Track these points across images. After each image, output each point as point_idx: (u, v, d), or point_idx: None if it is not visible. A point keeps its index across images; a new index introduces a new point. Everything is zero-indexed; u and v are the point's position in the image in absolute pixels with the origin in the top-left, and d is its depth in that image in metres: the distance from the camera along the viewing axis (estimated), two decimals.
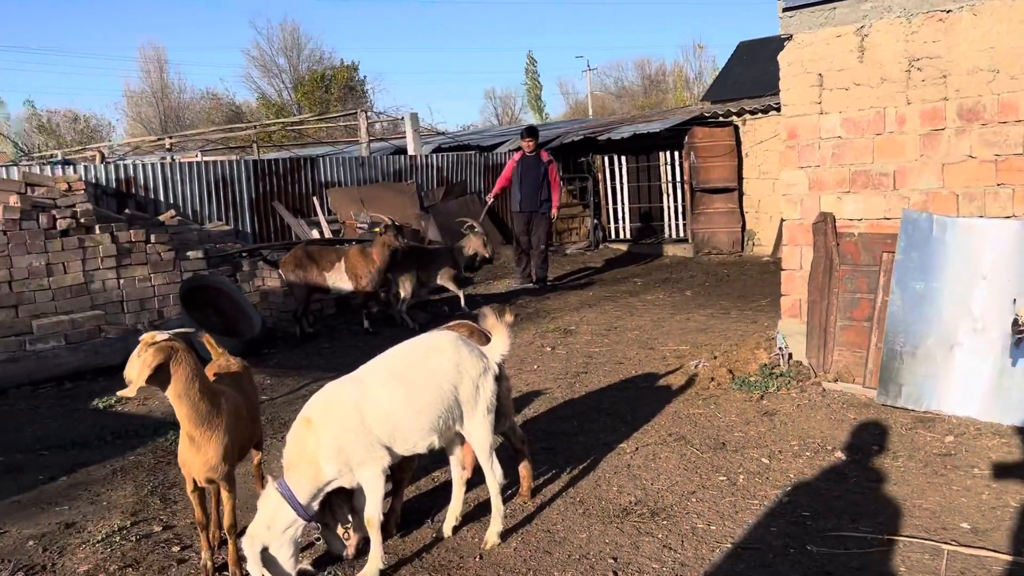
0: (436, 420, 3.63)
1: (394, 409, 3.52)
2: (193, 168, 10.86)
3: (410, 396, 3.56)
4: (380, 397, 3.52)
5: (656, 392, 6.22)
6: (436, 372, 3.65)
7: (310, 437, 3.44)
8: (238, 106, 49.47)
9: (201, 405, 3.44)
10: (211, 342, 4.17)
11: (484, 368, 3.79)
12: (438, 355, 3.70)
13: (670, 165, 15.26)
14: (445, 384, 3.65)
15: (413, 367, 3.66)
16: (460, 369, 3.71)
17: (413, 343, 3.87)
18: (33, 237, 7.81)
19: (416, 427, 3.58)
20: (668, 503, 4.24)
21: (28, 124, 49.75)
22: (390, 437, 3.53)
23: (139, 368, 3.30)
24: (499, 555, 3.79)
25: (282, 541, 3.42)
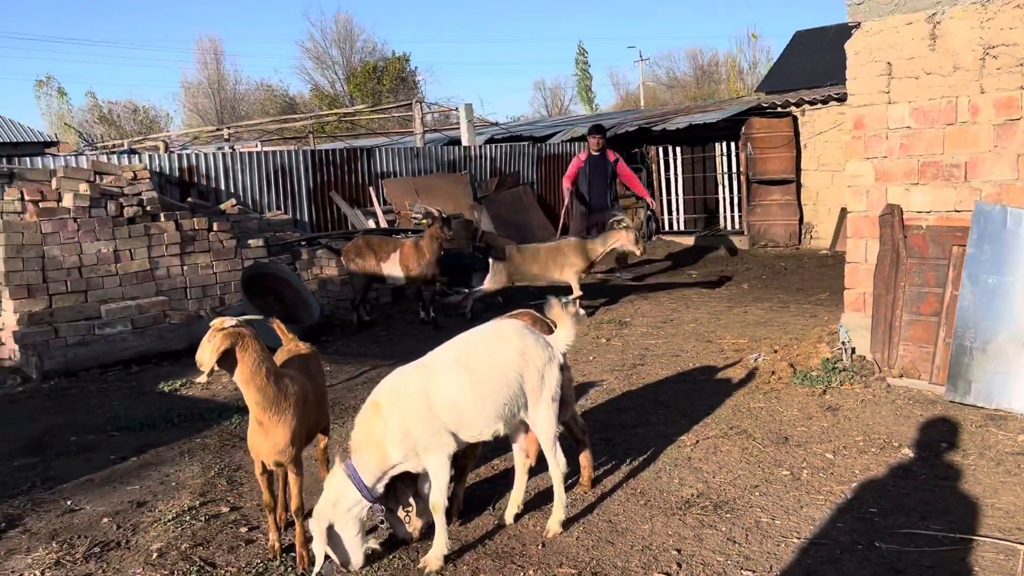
0: (501, 408, 3.65)
1: (461, 396, 3.55)
2: (253, 158, 11.04)
3: (476, 383, 3.59)
4: (447, 384, 3.55)
5: (715, 385, 6.16)
6: (502, 360, 3.67)
7: (378, 421, 3.49)
8: (292, 97, 50.16)
9: (268, 390, 3.50)
10: (281, 328, 4.25)
11: (550, 357, 3.80)
12: (504, 343, 3.72)
13: (726, 156, 15.07)
14: (511, 372, 3.67)
15: (479, 355, 3.68)
16: (526, 357, 3.72)
17: (479, 331, 3.89)
18: (102, 224, 8.03)
19: (481, 414, 3.60)
20: (731, 496, 4.20)
21: (90, 115, 51.18)
22: (456, 423, 3.56)
23: (208, 353, 3.37)
24: (561, 544, 3.80)
25: (347, 520, 3.48)
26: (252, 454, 3.71)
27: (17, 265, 7.56)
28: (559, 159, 15.12)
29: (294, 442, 3.62)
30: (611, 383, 6.34)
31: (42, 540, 4.09)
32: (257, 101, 51.72)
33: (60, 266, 7.75)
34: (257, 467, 3.73)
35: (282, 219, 10.64)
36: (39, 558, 3.89)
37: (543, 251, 9.21)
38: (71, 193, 8.04)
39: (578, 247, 9.13)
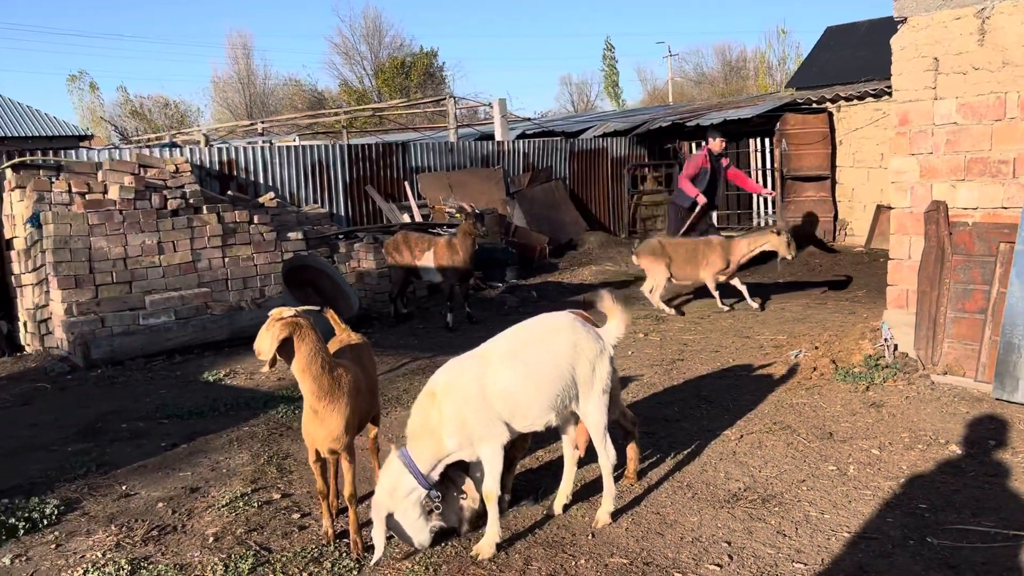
0: (554, 398, 3.69)
1: (515, 386, 3.60)
2: (290, 152, 11.17)
3: (530, 374, 3.63)
4: (502, 374, 3.60)
5: (756, 381, 6.17)
6: (555, 351, 3.72)
7: (433, 410, 3.55)
8: (320, 92, 50.47)
9: (323, 379, 3.57)
10: (335, 318, 4.31)
11: (601, 349, 3.84)
12: (557, 335, 3.77)
13: (760, 152, 14.97)
14: (563, 363, 3.72)
15: (533, 346, 3.72)
16: (578, 349, 3.77)
17: (532, 323, 3.94)
18: (146, 216, 8.18)
19: (535, 405, 3.65)
20: (778, 490, 4.21)
21: (121, 109, 51.79)
22: (510, 414, 3.60)
23: (268, 341, 3.44)
24: (611, 534, 3.83)
25: (405, 507, 3.54)
26: (306, 442, 3.79)
27: (64, 256, 7.72)
28: (592, 155, 15.13)
29: (348, 430, 3.69)
30: (651, 378, 6.37)
31: (101, 523, 4.19)
32: (286, 96, 52.05)
33: (106, 257, 7.91)
34: (311, 455, 3.80)
35: (319, 213, 10.75)
36: (99, 540, 4.00)
37: (684, 247, 9.00)
38: (117, 185, 8.19)
39: (721, 246, 8.88)
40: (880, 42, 16.85)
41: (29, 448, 5.43)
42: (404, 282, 9.15)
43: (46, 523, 4.20)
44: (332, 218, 11.18)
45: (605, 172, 15.32)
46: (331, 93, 49.48)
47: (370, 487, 4.01)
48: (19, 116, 23.14)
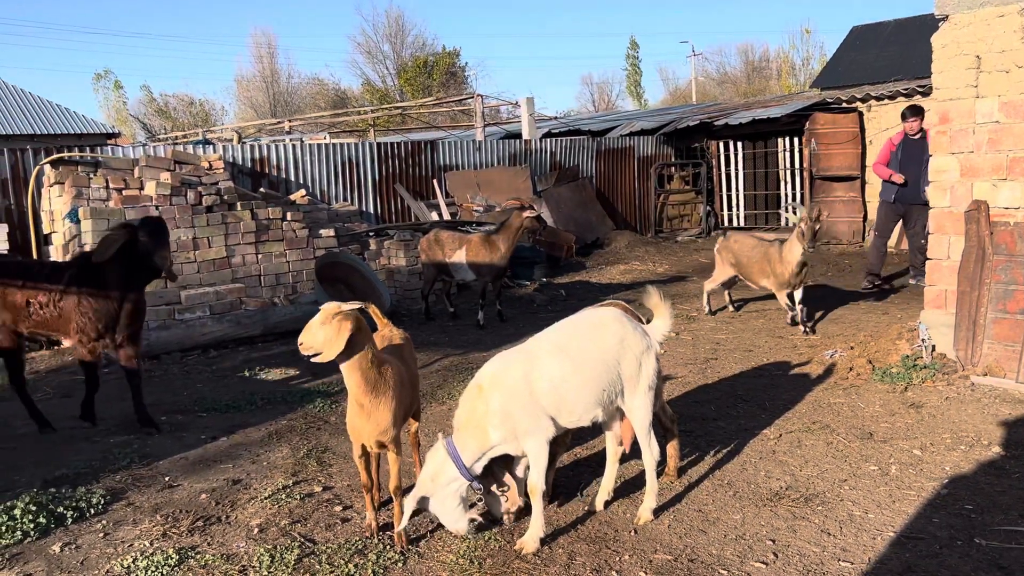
0: (600, 394, 3.70)
1: (562, 381, 3.61)
2: (321, 150, 11.24)
3: (577, 369, 3.64)
4: (549, 369, 3.61)
5: (792, 380, 6.14)
6: (602, 347, 3.72)
7: (480, 403, 3.56)
8: (343, 91, 50.72)
9: (371, 373, 3.59)
10: (377, 313, 4.34)
11: (647, 345, 3.85)
12: (603, 330, 3.78)
13: (788, 152, 14.88)
14: (609, 359, 3.72)
15: (579, 341, 3.73)
16: (624, 345, 3.77)
17: (579, 318, 3.95)
18: (182, 212, 8.27)
19: (581, 400, 3.66)
20: (820, 489, 4.20)
21: (146, 108, 52.31)
22: (556, 409, 3.62)
23: (333, 337, 3.43)
24: (654, 531, 3.84)
25: (445, 494, 3.56)
26: (352, 436, 3.81)
27: None
28: (619, 153, 15.11)
29: (395, 423, 3.71)
30: (686, 376, 6.35)
31: (146, 513, 4.25)
32: (309, 95, 52.35)
33: None
34: (356, 449, 3.83)
35: (349, 210, 10.82)
36: (146, 530, 4.05)
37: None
38: (153, 182, 8.28)
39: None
40: (908, 41, 16.80)
41: (72, 439, 5.51)
42: (435, 280, 9.03)
43: (93, 512, 4.26)
44: (362, 215, 11.25)
45: (632, 171, 15.29)
46: (353, 92, 49.72)
47: (411, 481, 4.03)
48: (49, 114, 23.45)
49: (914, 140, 9.37)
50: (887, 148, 9.72)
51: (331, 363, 3.53)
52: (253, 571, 3.60)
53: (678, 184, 15.73)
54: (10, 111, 22.75)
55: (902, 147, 9.51)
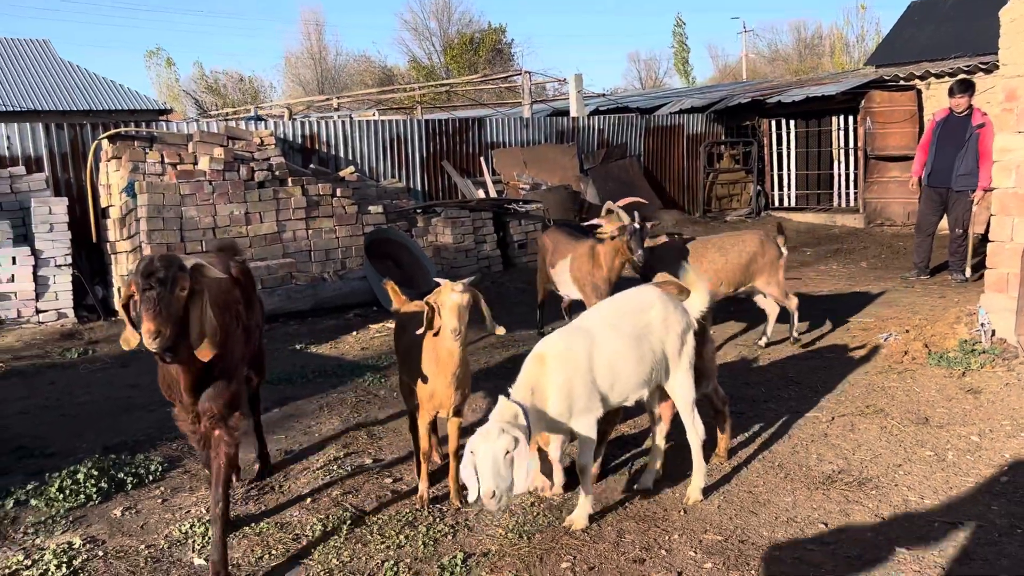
0: (648, 373, 3.68)
1: (617, 360, 3.59)
2: (369, 126, 11.30)
3: (628, 348, 3.62)
4: (609, 347, 3.59)
5: (845, 363, 6.04)
6: (649, 326, 3.71)
7: (543, 375, 3.47)
8: (390, 69, 50.80)
9: (464, 344, 3.71)
10: (395, 289, 4.41)
11: (688, 323, 3.83)
12: (649, 309, 3.75)
13: (842, 131, 14.53)
14: (655, 338, 3.70)
15: (629, 320, 3.71)
16: (668, 324, 3.75)
17: (622, 298, 3.93)
18: (234, 187, 8.38)
19: (633, 379, 3.65)
20: (874, 474, 4.13)
21: (197, 84, 53.01)
22: (609, 387, 3.60)
23: (458, 313, 3.56)
24: (703, 511, 3.82)
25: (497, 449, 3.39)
26: (429, 405, 3.89)
27: (158, 224, 7.98)
28: (667, 131, 14.93)
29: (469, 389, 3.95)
30: (736, 358, 6.29)
31: (202, 481, 4.35)
32: (356, 72, 52.52)
33: (196, 226, 8.14)
34: (428, 416, 3.94)
35: (397, 187, 10.87)
36: (202, 496, 4.15)
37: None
38: (207, 157, 8.41)
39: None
40: (969, 16, 16.23)
41: (130, 408, 5.66)
42: (546, 290, 7.08)
43: (151, 479, 4.38)
44: (409, 192, 11.30)
45: (681, 149, 15.10)
46: (400, 70, 49.75)
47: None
48: (104, 90, 23.88)
49: (958, 119, 8.69)
50: (929, 127, 9.13)
51: (377, 339, 3.60)
52: (306, 539, 3.67)
53: (728, 163, 15.50)
54: (67, 88, 23.22)
55: (941, 126, 8.83)
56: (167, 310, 2.90)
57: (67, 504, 4.06)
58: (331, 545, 3.59)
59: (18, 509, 4.04)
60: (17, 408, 5.75)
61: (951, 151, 8.66)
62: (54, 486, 4.19)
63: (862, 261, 10.47)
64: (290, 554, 3.55)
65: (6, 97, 21.34)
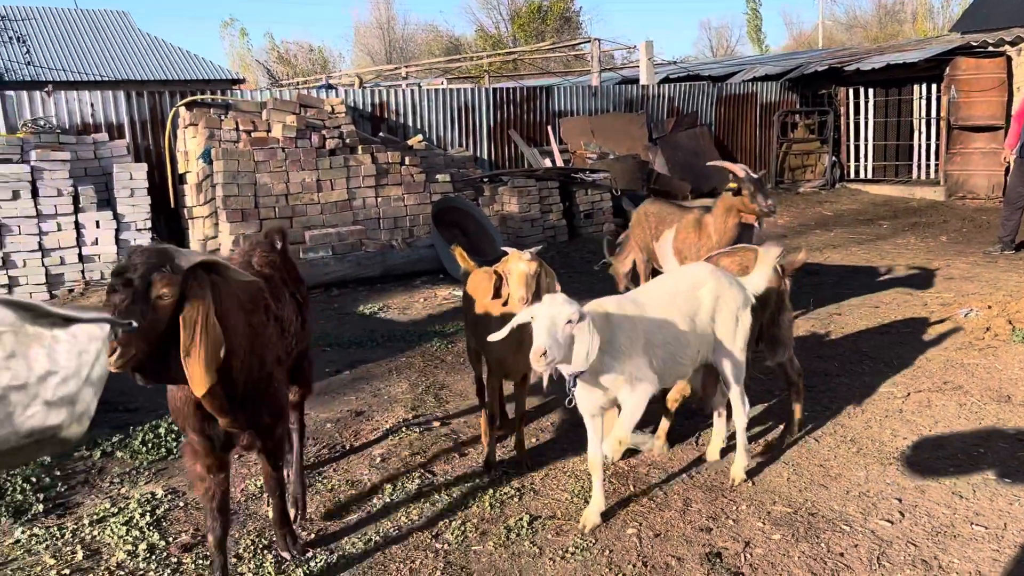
0: (696, 353, 3.59)
1: (671, 335, 3.48)
2: (438, 95, 11.32)
3: (683, 324, 3.53)
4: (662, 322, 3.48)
5: (922, 338, 5.86)
6: (701, 304, 3.61)
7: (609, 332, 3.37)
8: (457, 39, 50.72)
9: None
10: (463, 254, 4.43)
11: (744, 301, 3.73)
12: (701, 287, 3.65)
13: (924, 100, 13.96)
14: (705, 316, 3.60)
15: (683, 297, 3.60)
16: (720, 302, 3.66)
17: (676, 275, 3.88)
18: (306, 155, 8.52)
19: (686, 355, 3.54)
20: (951, 451, 4.02)
21: (268, 54, 53.82)
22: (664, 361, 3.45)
23: (525, 281, 3.59)
24: (771, 483, 3.78)
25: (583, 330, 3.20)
26: (498, 369, 3.94)
27: (233, 190, 8.17)
28: (740, 100, 14.59)
29: None
30: (808, 332, 6.16)
31: None
32: (424, 42, 52.63)
33: (269, 193, 8.31)
34: (496, 382, 4.00)
35: (464, 155, 10.90)
36: None
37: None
38: (280, 124, 8.55)
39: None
40: None
41: None
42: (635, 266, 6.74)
43: None
44: (476, 161, 11.31)
45: (753, 118, 14.75)
46: (467, 39, 49.63)
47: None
48: (181, 60, 24.45)
49: None
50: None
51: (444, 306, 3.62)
52: (376, 498, 3.76)
53: (802, 132, 15.07)
54: (146, 58, 23.85)
55: None
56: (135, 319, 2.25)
57: (150, 457, 4.24)
58: (400, 504, 3.67)
59: (105, 460, 4.24)
60: None
61: None
62: (137, 439, 4.38)
63: (942, 235, 10.11)
64: (360, 512, 3.64)
65: (89, 67, 22.05)
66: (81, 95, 9.20)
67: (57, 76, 19.56)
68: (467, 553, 3.26)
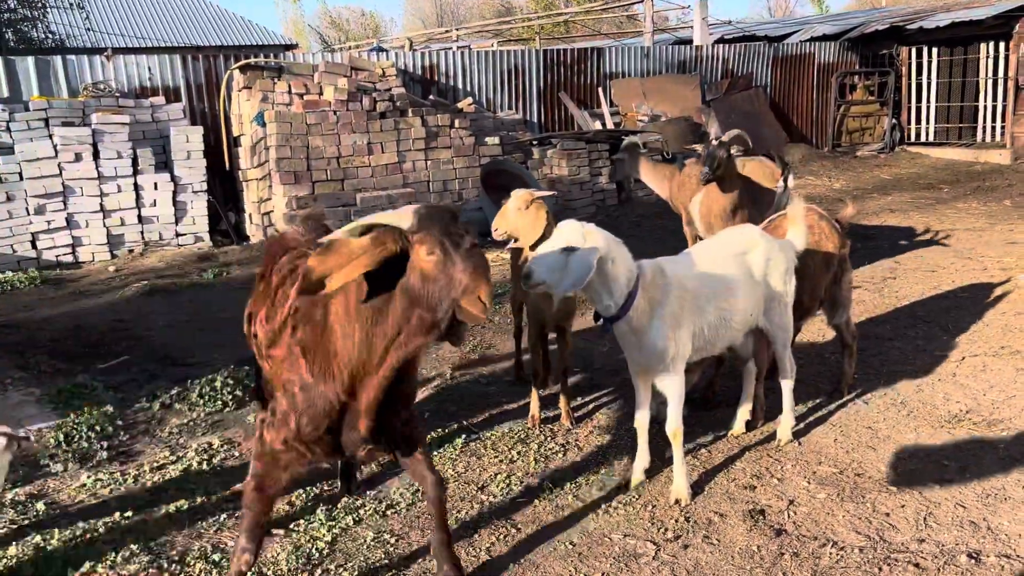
0: (749, 314, 3.56)
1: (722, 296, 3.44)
2: (487, 57, 11.27)
3: (733, 285, 3.49)
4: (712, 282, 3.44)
5: (979, 303, 5.72)
6: (752, 264, 3.57)
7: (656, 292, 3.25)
8: (508, 1, 50.22)
9: None
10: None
11: (791, 262, 3.69)
12: (752, 248, 3.61)
13: (992, 59, 13.43)
14: (756, 276, 3.56)
15: (732, 259, 3.56)
16: (771, 264, 3.62)
17: (726, 237, 3.83)
18: (357, 118, 8.59)
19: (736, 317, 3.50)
20: (1006, 416, 3.94)
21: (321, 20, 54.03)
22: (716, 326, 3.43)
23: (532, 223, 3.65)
24: (818, 444, 3.76)
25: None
26: (533, 320, 4.05)
27: (286, 152, 8.29)
28: (796, 61, 14.22)
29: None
30: (861, 294, 6.05)
31: None
32: (475, 5, 52.23)
33: (322, 155, 8.42)
34: (532, 336, 4.10)
35: (514, 118, 10.86)
36: None
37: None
38: (331, 87, 8.63)
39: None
40: None
41: None
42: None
43: None
44: (526, 124, 11.26)
45: (810, 80, 14.36)
46: (519, 2, 49.12)
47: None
48: (235, 25, 24.71)
49: None
50: None
51: (492, 268, 3.62)
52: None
53: (861, 94, 14.65)
54: (201, 23, 24.15)
55: None
56: None
57: (207, 409, 4.39)
58: (447, 457, 3.75)
59: (164, 412, 4.40)
60: (162, 321, 6.20)
61: None
62: (195, 392, 4.53)
63: (1006, 200, 9.78)
64: None
65: (148, 32, 22.42)
66: (139, 59, 9.39)
67: (116, 42, 19.93)
68: (511, 505, 3.32)
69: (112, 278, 7.66)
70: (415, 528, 3.17)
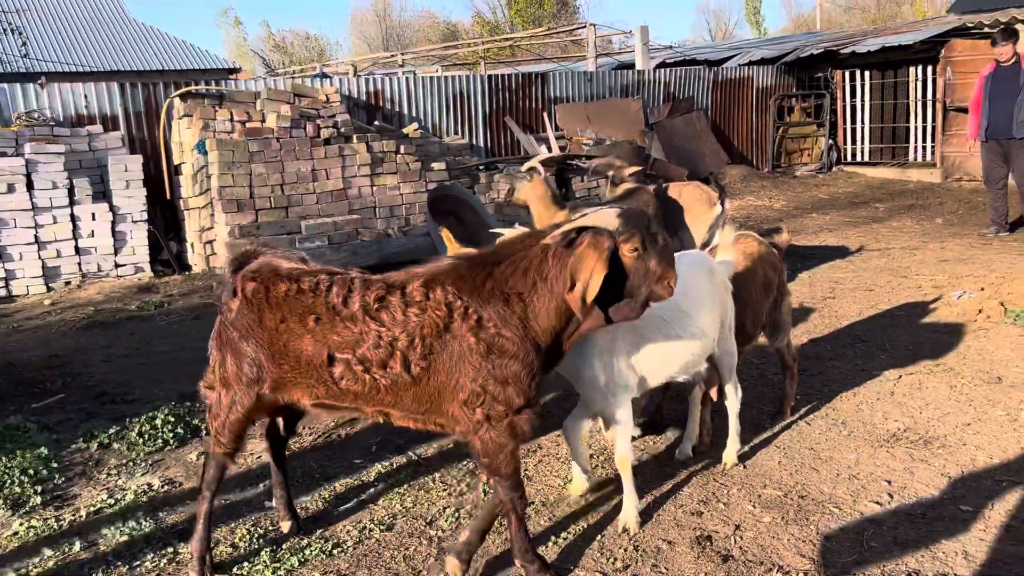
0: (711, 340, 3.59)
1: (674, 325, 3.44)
2: (433, 83, 11.31)
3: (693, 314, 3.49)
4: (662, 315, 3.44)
5: (915, 321, 5.89)
6: (717, 292, 3.60)
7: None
8: (454, 25, 50.55)
9: None
10: (449, 237, 4.45)
11: (728, 286, 3.73)
12: (713, 275, 3.62)
13: (920, 82, 13.92)
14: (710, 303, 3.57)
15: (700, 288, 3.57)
16: (727, 289, 3.68)
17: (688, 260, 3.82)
18: (301, 144, 8.53)
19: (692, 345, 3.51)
20: (940, 433, 4.05)
21: (264, 43, 53.64)
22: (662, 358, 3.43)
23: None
24: (763, 467, 3.81)
25: None
26: None
27: (228, 180, 8.18)
28: (736, 84, 14.56)
29: None
30: (802, 315, 6.18)
31: None
32: (421, 29, 52.47)
33: (265, 183, 8.33)
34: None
35: (460, 143, 10.90)
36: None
37: None
38: (274, 114, 8.56)
39: None
40: None
41: (204, 359, 5.86)
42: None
43: None
44: (472, 149, 11.31)
45: (749, 103, 14.73)
46: (464, 25, 49.47)
47: None
48: (176, 50, 24.37)
49: (1007, 69, 8.52)
50: (978, 83, 8.87)
51: None
52: (371, 485, 3.79)
53: (798, 116, 15.06)
54: (140, 48, 23.76)
55: (991, 79, 8.65)
56: None
57: (146, 448, 4.28)
58: (395, 491, 3.71)
59: (102, 452, 4.27)
60: (101, 356, 6.04)
61: (1006, 101, 8.52)
62: (134, 431, 4.41)
63: (937, 217, 10.12)
64: (357, 499, 3.67)
65: (85, 58, 21.97)
66: (75, 87, 9.19)
67: (52, 68, 19.50)
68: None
69: (48, 312, 7.44)
70: (362, 567, 3.13)
